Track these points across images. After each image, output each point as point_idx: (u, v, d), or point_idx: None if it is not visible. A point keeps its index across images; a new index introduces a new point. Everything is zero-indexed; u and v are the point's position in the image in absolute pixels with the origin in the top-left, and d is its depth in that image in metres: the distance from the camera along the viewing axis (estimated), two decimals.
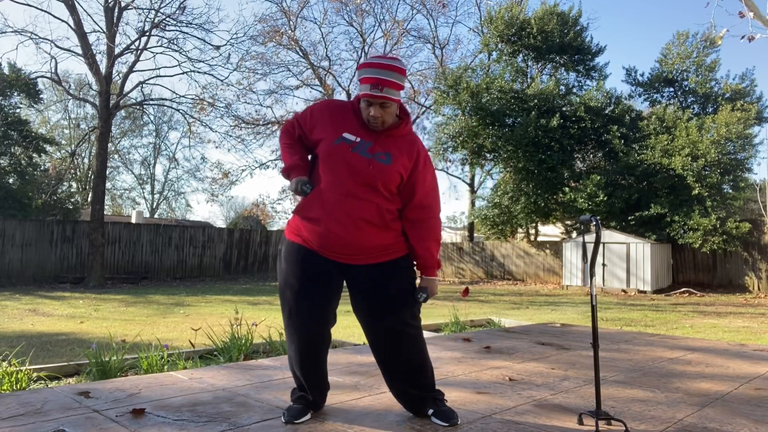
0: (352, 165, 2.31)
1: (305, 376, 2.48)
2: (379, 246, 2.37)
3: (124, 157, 39.20)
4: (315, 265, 2.37)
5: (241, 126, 23.94)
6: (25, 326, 7.72)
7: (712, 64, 18.55)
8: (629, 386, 3.23)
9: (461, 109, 19.06)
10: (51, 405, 2.64)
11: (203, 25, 19.75)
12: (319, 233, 2.33)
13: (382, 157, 2.34)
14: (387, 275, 2.40)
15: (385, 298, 2.38)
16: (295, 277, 2.38)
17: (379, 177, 2.32)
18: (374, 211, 2.33)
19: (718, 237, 15.13)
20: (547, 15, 19.45)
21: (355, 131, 2.37)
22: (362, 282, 2.40)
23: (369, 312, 2.42)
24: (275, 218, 33.59)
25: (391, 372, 2.49)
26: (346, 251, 2.34)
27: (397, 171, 2.35)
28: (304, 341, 2.42)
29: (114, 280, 16.86)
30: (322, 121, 2.42)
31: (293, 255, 2.40)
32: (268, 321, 6.92)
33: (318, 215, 2.33)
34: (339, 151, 2.33)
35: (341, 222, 2.30)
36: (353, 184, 2.31)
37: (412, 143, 2.43)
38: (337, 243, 2.33)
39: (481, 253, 21.19)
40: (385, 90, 2.27)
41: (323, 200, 2.33)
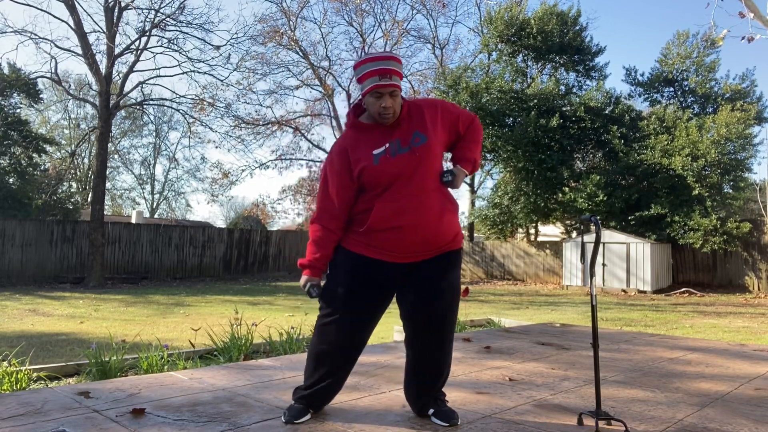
0: (401, 167, 2.33)
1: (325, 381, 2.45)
2: (453, 233, 2.43)
3: (124, 157, 39.23)
4: (383, 273, 2.39)
5: (241, 126, 23.96)
6: (25, 326, 7.72)
7: (712, 64, 18.55)
8: (629, 386, 3.23)
9: None
10: (51, 405, 2.64)
11: (203, 25, 19.74)
12: (400, 239, 2.33)
13: (417, 140, 2.36)
14: (452, 264, 2.45)
15: (445, 286, 2.42)
16: (358, 283, 2.39)
17: (429, 154, 2.35)
18: (444, 196, 2.40)
19: (719, 237, 15.14)
20: (546, 15, 19.46)
21: (377, 142, 2.37)
22: (429, 270, 2.41)
23: (427, 297, 2.42)
24: (275, 218, 33.63)
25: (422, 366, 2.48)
26: (429, 246, 2.37)
27: (436, 139, 2.40)
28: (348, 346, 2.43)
29: (114, 280, 16.85)
30: (348, 158, 2.39)
31: (359, 265, 2.39)
32: (268, 321, 6.93)
33: (399, 222, 2.32)
34: (384, 166, 2.33)
35: (433, 214, 2.33)
36: (416, 182, 2.33)
37: (419, 109, 2.45)
38: (422, 240, 2.35)
39: (481, 253, 21.19)
40: (394, 78, 2.30)
41: (400, 208, 2.32)
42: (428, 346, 2.46)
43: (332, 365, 2.45)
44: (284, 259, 22.16)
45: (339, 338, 2.41)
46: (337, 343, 2.42)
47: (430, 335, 2.44)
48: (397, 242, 2.34)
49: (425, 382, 2.49)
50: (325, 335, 2.44)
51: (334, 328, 2.41)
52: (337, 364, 2.45)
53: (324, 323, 2.45)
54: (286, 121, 25.85)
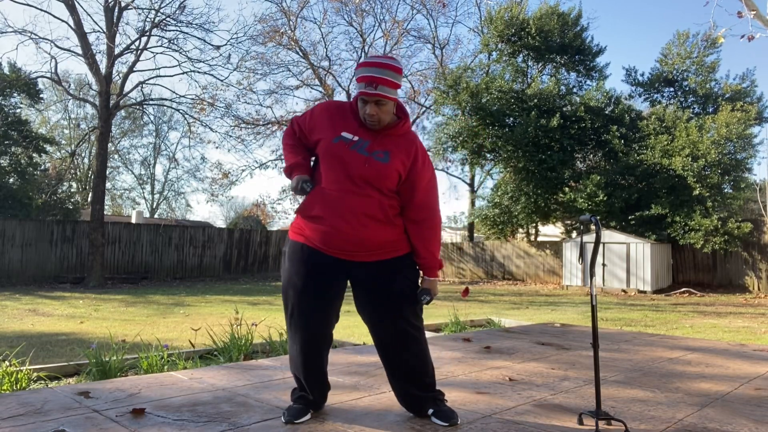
0: (349, 163, 2.33)
1: (306, 376, 2.48)
2: (383, 242, 2.38)
3: (124, 157, 39.24)
4: (319, 263, 2.38)
5: (241, 126, 23.94)
6: (25, 326, 7.72)
7: (712, 64, 18.53)
8: (629, 386, 3.23)
9: (461, 109, 19.07)
10: (51, 405, 2.64)
11: (203, 25, 19.71)
12: (323, 231, 2.34)
13: (380, 155, 2.35)
14: (391, 272, 2.40)
15: (390, 296, 2.39)
16: (299, 275, 2.38)
17: (377, 175, 2.33)
18: (376, 206, 2.34)
19: (720, 237, 15.13)
20: (547, 15, 19.45)
21: (354, 131, 2.38)
22: (366, 279, 2.40)
23: (373, 310, 2.42)
24: (275, 218, 33.60)
25: (395, 371, 2.49)
26: (351, 248, 2.35)
27: (395, 169, 2.36)
28: (306, 341, 2.43)
29: (114, 280, 16.85)
30: (321, 121, 2.44)
31: (297, 254, 2.41)
32: (268, 321, 6.92)
33: (321, 213, 2.34)
34: (337, 149, 2.35)
35: (345, 218, 2.31)
36: (352, 182, 2.33)
37: (410, 142, 2.44)
38: (341, 240, 2.33)
39: (481, 253, 21.19)
40: (380, 88, 2.28)
41: (325, 198, 2.34)
42: (393, 353, 2.46)
43: (306, 365, 2.46)
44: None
45: (303, 336, 2.42)
46: (302, 342, 2.43)
47: (392, 343, 2.44)
48: (315, 232, 2.36)
49: (404, 384, 2.49)
50: (292, 336, 2.47)
51: (297, 324, 2.42)
52: (309, 363, 2.46)
53: (289, 324, 2.46)
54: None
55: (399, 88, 2.37)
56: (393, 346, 2.44)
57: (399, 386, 2.51)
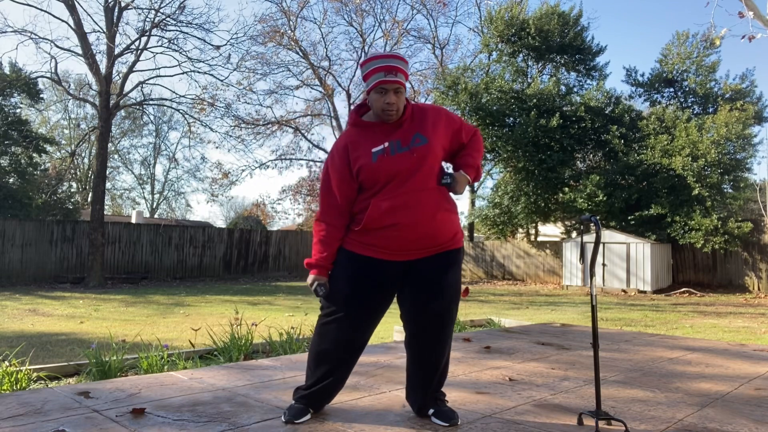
0: (399, 165, 2.34)
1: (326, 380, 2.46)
2: (453, 233, 2.43)
3: (124, 157, 39.26)
4: (381, 272, 2.39)
5: (241, 126, 23.93)
6: (25, 326, 7.72)
7: (712, 64, 18.52)
8: (629, 386, 3.23)
9: (461, 109, 19.07)
10: (51, 405, 2.64)
11: (203, 25, 19.73)
12: (397, 237, 2.34)
13: (417, 140, 2.38)
14: (451, 264, 2.44)
15: (445, 285, 2.42)
16: (359, 282, 2.39)
17: (428, 155, 2.36)
18: (442, 196, 2.40)
19: (720, 237, 15.13)
20: (547, 15, 19.45)
21: (377, 141, 2.38)
22: (426, 272, 2.41)
23: (426, 296, 2.42)
24: (275, 218, 33.62)
25: (422, 359, 2.48)
26: (425, 244, 2.37)
27: (437, 143, 2.41)
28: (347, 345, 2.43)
29: (114, 280, 16.85)
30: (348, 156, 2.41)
31: (357, 264, 2.40)
32: (268, 321, 6.93)
33: (394, 221, 2.33)
34: (382, 164, 2.34)
35: (426, 214, 2.33)
36: (413, 182, 2.34)
37: (422, 113, 2.46)
38: (419, 238, 2.35)
39: (481, 253, 21.19)
40: (399, 75, 2.31)
41: (395, 206, 2.32)
42: (427, 346, 2.46)
43: (333, 365, 2.45)
44: (284, 259, 22.16)
45: (340, 337, 2.41)
46: (338, 342, 2.42)
47: (428, 335, 2.44)
48: (392, 240, 2.35)
49: (425, 381, 2.49)
50: (326, 335, 2.44)
51: (335, 327, 2.41)
52: (337, 364, 2.45)
53: (325, 322, 2.45)
54: (286, 121, 25.84)
55: (408, 79, 2.42)
56: (433, 331, 2.44)
57: (419, 383, 2.50)
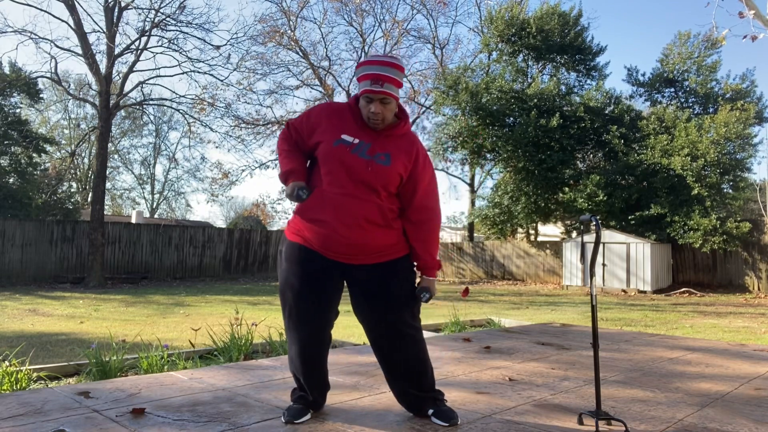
0: (351, 166, 2.31)
1: (306, 376, 2.48)
2: (382, 245, 2.37)
3: (124, 157, 39.27)
4: (316, 265, 2.37)
5: (241, 126, 23.94)
6: (25, 326, 7.71)
7: (713, 64, 18.51)
8: (629, 386, 3.23)
9: (461, 109, 19.07)
10: (51, 405, 2.64)
11: (203, 25, 19.76)
12: (322, 234, 2.33)
13: (382, 158, 2.34)
14: (389, 275, 2.39)
15: (387, 298, 2.38)
16: (296, 276, 2.38)
17: (379, 178, 2.32)
18: (376, 210, 2.33)
19: (719, 237, 15.13)
20: (547, 15, 19.45)
21: (354, 133, 2.36)
22: (364, 281, 2.39)
23: (370, 311, 2.41)
24: (275, 218, 33.60)
25: (392, 371, 2.49)
26: (350, 251, 2.34)
27: (396, 171, 2.35)
28: (304, 341, 2.42)
29: (114, 280, 16.85)
30: (320, 124, 2.41)
31: (294, 255, 2.40)
32: (268, 321, 6.92)
33: (322, 216, 2.33)
34: (338, 153, 2.33)
35: (345, 223, 2.30)
36: (354, 185, 2.31)
37: (411, 143, 2.43)
38: (341, 243, 2.32)
39: (481, 253, 21.19)
40: (386, 85, 2.27)
41: (325, 201, 2.33)
42: (388, 354, 2.46)
43: (305, 366, 2.45)
44: None
45: (301, 336, 2.42)
46: (301, 342, 2.42)
47: (386, 342, 2.44)
48: (317, 234, 2.34)
49: (404, 385, 2.49)
50: (290, 339, 2.46)
51: (295, 325, 2.42)
52: (308, 364, 2.46)
53: (287, 326, 2.46)
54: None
55: (401, 87, 2.37)
56: (391, 347, 2.43)
57: (398, 387, 2.51)
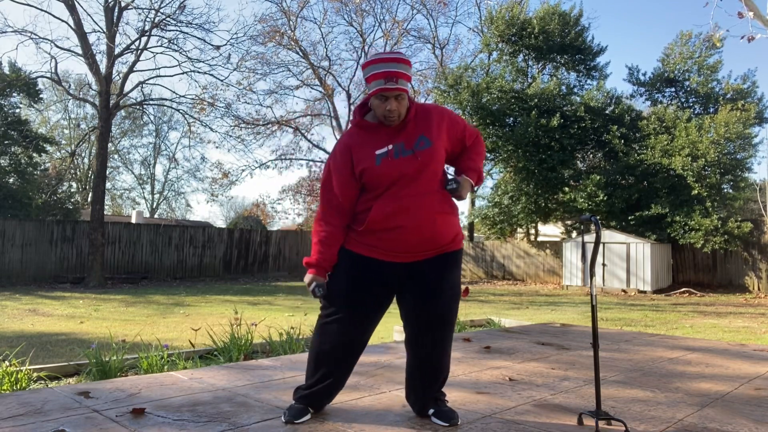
0: (403, 169, 2.33)
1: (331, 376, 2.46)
2: (453, 235, 2.43)
3: (124, 157, 39.28)
4: (382, 273, 2.39)
5: (241, 126, 23.93)
6: (25, 326, 7.72)
7: (714, 64, 18.50)
8: (629, 386, 3.23)
9: (462, 108, 19.07)
10: (51, 405, 2.64)
11: (203, 25, 19.72)
12: (403, 239, 2.34)
13: (421, 143, 2.37)
14: (451, 265, 2.44)
15: (445, 286, 2.42)
16: (356, 282, 2.39)
17: (432, 159, 2.36)
18: (442, 199, 2.39)
19: (720, 237, 15.13)
20: (548, 15, 19.45)
21: (381, 144, 2.37)
22: (429, 271, 2.41)
23: (427, 297, 2.41)
24: (275, 218, 33.62)
25: (422, 361, 2.47)
26: (428, 246, 2.37)
27: (441, 145, 2.40)
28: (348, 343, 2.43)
29: (114, 280, 16.85)
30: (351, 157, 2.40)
31: (358, 264, 2.40)
32: (268, 321, 6.93)
33: (398, 223, 2.32)
34: (386, 169, 2.33)
35: (421, 220, 2.32)
36: (415, 185, 2.33)
37: (427, 113, 2.45)
38: (421, 241, 2.35)
39: (482, 253, 21.19)
40: (400, 81, 2.28)
41: (397, 210, 2.32)
42: (428, 346, 2.45)
43: (333, 365, 2.45)
44: (284, 259, 22.16)
45: (340, 338, 2.41)
46: (338, 342, 2.42)
47: (429, 335, 2.44)
48: (395, 242, 2.35)
49: (425, 381, 2.49)
50: (326, 335, 2.44)
51: (336, 328, 2.41)
52: (337, 364, 2.45)
53: (325, 323, 2.45)
54: (286, 121, 25.84)
55: (410, 81, 2.40)
56: (433, 332, 2.43)
57: (420, 383, 2.49)
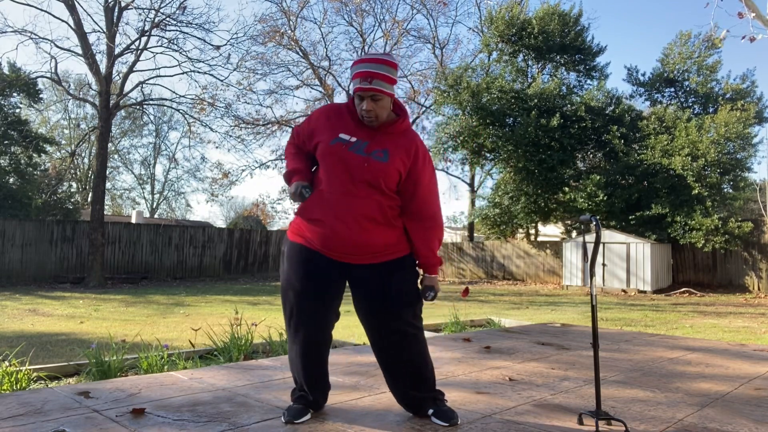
0: (348, 164, 2.32)
1: (306, 377, 2.48)
2: (383, 244, 2.37)
3: (124, 157, 39.28)
4: (317, 265, 2.37)
5: (241, 126, 23.94)
6: (25, 326, 7.71)
7: (713, 64, 18.51)
8: (629, 386, 3.23)
9: (461, 108, 19.08)
10: (51, 405, 2.64)
11: (203, 25, 19.70)
12: (322, 234, 2.34)
13: (379, 154, 2.33)
14: (390, 274, 2.39)
15: (389, 298, 2.37)
16: (298, 277, 2.38)
17: (377, 175, 2.31)
18: (376, 208, 2.33)
19: (720, 237, 15.13)
20: (547, 15, 19.46)
21: (352, 131, 2.37)
22: (365, 281, 2.39)
23: (371, 311, 2.41)
24: (275, 218, 33.64)
25: (393, 372, 2.48)
26: (351, 251, 2.34)
27: (395, 168, 2.35)
28: (305, 341, 2.43)
29: (114, 280, 16.85)
30: (319, 125, 2.43)
31: (296, 255, 2.40)
32: (268, 321, 6.92)
33: (321, 216, 2.34)
34: (335, 151, 2.34)
35: (345, 221, 2.30)
36: (352, 183, 2.31)
37: (410, 140, 2.42)
38: (341, 243, 2.32)
39: (482, 253, 21.19)
40: (375, 82, 2.27)
41: (324, 201, 2.34)
42: (389, 354, 2.45)
43: (307, 362, 2.46)
44: None
45: (302, 336, 2.42)
46: (302, 341, 2.43)
47: (387, 343, 2.43)
48: (314, 234, 2.35)
49: (404, 385, 2.49)
50: (291, 336, 2.47)
51: (295, 325, 2.42)
52: (310, 360, 2.46)
53: (288, 324, 2.47)
54: (286, 121, 25.84)
55: (395, 84, 2.36)
56: (392, 347, 2.43)
57: (398, 387, 2.51)
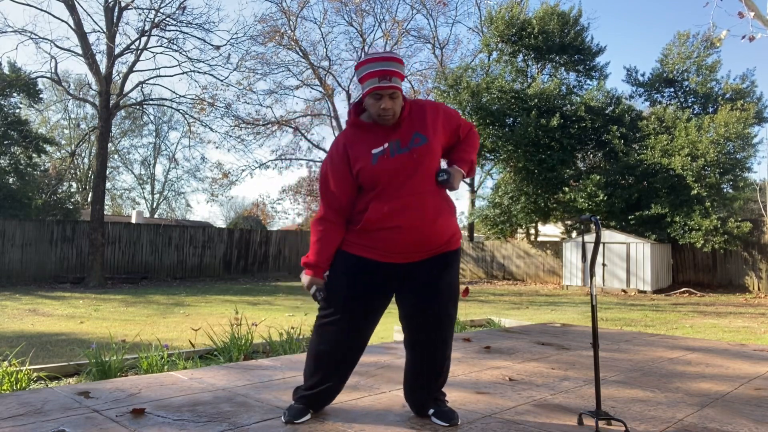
0: (400, 168, 2.32)
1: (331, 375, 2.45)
2: (450, 234, 2.42)
3: (124, 157, 39.29)
4: (377, 277, 2.39)
5: (241, 126, 23.94)
6: (25, 326, 7.71)
7: (713, 64, 18.51)
8: (629, 386, 3.23)
9: (461, 108, 19.08)
10: (51, 405, 2.64)
11: (203, 25, 19.70)
12: (401, 240, 2.33)
13: (417, 140, 2.36)
14: (449, 265, 2.44)
15: (443, 286, 2.41)
16: (353, 286, 2.38)
17: (428, 156, 2.34)
18: (439, 198, 2.38)
19: (719, 237, 15.13)
20: (547, 15, 19.47)
21: (377, 142, 2.37)
22: (426, 271, 2.40)
23: (424, 298, 2.41)
24: (275, 218, 33.65)
25: (421, 361, 2.46)
26: (424, 247, 2.36)
27: (436, 140, 2.39)
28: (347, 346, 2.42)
29: (114, 280, 16.85)
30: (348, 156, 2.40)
31: (356, 266, 2.39)
32: (268, 321, 6.93)
33: (396, 223, 2.31)
34: (382, 167, 2.32)
35: (422, 219, 2.31)
36: (411, 184, 2.32)
37: (421, 110, 2.44)
38: (418, 242, 2.34)
39: (482, 254, 21.19)
40: (394, 80, 2.29)
41: (393, 210, 2.31)
42: (427, 347, 2.45)
43: (332, 366, 2.44)
44: (284, 259, 22.16)
45: (339, 339, 2.41)
46: (337, 343, 2.41)
47: (428, 335, 2.43)
48: (392, 242, 2.34)
49: (425, 382, 2.48)
50: (324, 335, 2.44)
51: (334, 329, 2.40)
52: (337, 366, 2.45)
53: (323, 324, 2.44)
54: (286, 121, 25.85)
55: (404, 80, 2.40)
56: (431, 331, 2.42)
57: (419, 384, 2.49)
